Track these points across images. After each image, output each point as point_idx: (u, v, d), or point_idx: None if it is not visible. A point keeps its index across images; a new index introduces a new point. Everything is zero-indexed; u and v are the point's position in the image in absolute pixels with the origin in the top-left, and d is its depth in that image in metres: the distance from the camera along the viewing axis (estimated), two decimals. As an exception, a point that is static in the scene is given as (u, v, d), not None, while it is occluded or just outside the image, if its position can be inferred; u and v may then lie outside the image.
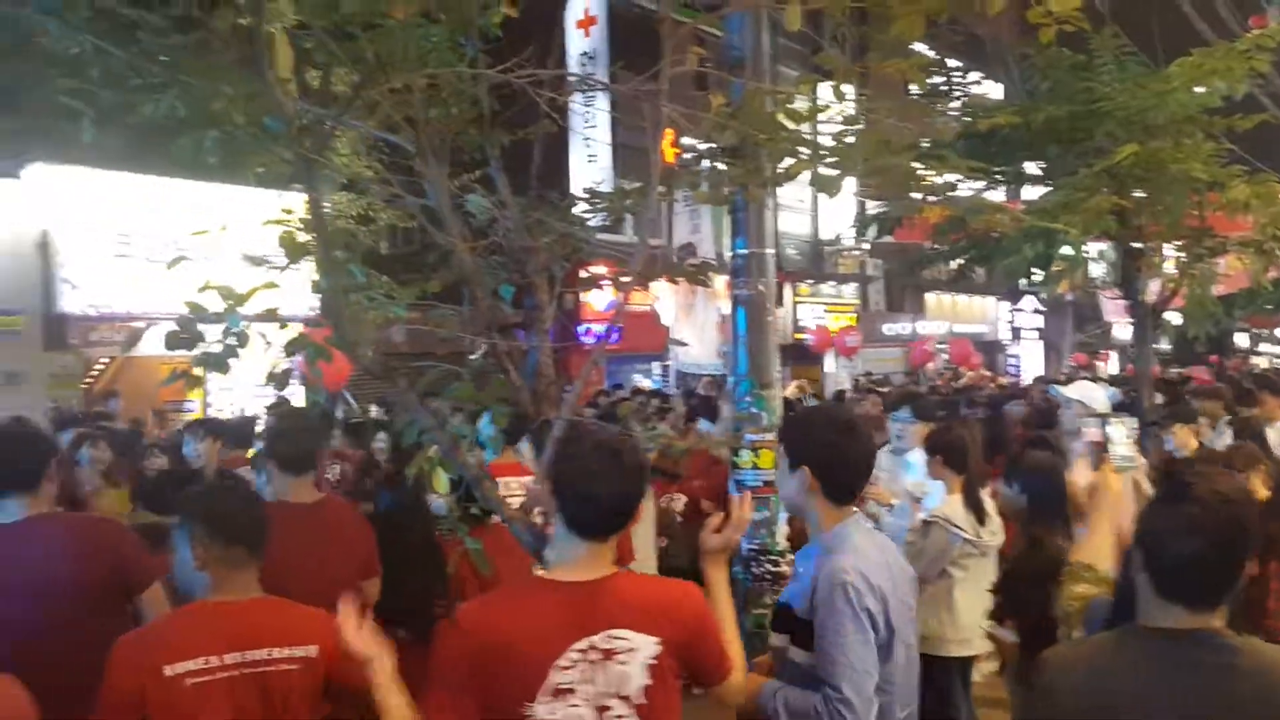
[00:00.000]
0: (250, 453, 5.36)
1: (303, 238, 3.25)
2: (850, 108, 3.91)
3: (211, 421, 6.53)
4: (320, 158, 2.99)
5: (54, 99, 3.14)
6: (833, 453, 2.62)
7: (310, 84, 3.38)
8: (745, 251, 4.15)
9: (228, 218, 10.64)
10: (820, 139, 3.64)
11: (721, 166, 3.69)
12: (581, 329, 16.74)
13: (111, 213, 13.13)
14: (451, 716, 2.09)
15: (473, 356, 3.59)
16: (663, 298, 17.94)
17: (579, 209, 3.98)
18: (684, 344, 16.46)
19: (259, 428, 6.24)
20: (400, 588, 4.02)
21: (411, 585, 4.13)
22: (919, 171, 4.03)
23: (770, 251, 4.18)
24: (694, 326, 17.41)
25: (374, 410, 7.96)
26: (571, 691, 2.06)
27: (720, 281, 16.66)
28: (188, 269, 3.37)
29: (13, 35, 2.90)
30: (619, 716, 2.10)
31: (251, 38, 2.65)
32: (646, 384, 18.64)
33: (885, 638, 2.49)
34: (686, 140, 3.82)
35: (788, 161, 3.34)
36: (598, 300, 16.89)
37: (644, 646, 2.14)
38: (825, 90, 4.05)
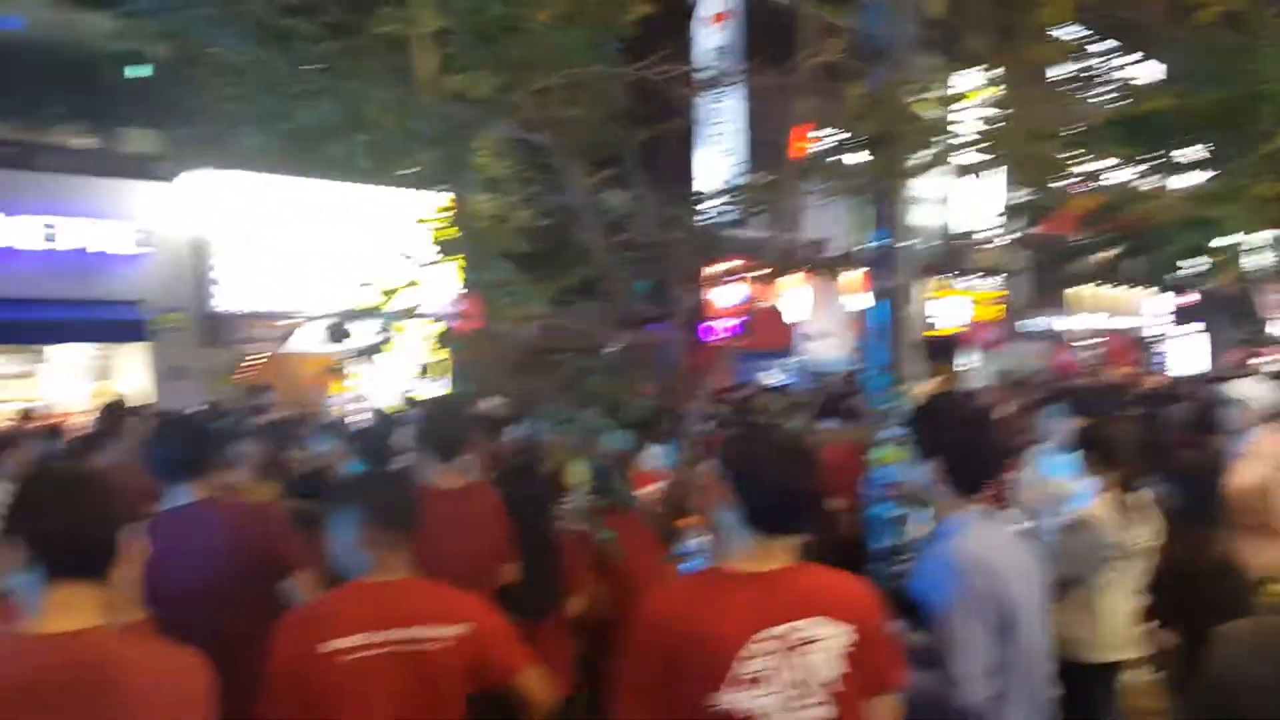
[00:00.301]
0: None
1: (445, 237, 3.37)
2: (993, 95, 3.80)
3: (342, 426, 6.80)
4: (463, 159, 3.08)
5: (213, 107, 3.32)
6: (964, 444, 2.64)
7: (451, 88, 3.48)
8: (883, 243, 4.07)
9: (371, 218, 11.07)
10: (959, 127, 3.55)
11: (859, 158, 3.64)
12: (706, 326, 16.75)
13: (260, 214, 13.83)
14: (640, 708, 2.12)
15: (607, 350, 3.64)
16: (790, 293, 17.76)
17: (712, 204, 3.99)
18: (818, 337, 16.24)
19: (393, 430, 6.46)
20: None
21: (525, 573, 4.19)
22: (1066, 159, 3.88)
23: (910, 244, 4.09)
24: (824, 322, 17.21)
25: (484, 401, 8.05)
26: (761, 680, 2.05)
27: (851, 276, 16.43)
28: (335, 267, 3.53)
29: (183, 48, 3.08)
30: (813, 704, 2.08)
31: (400, 45, 2.75)
32: (772, 381, 18.51)
33: (1001, 622, 2.47)
34: (823, 132, 3.78)
35: (927, 151, 3.27)
36: (722, 297, 16.87)
37: (836, 634, 2.12)
38: (963, 78, 3.94)
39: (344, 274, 3.36)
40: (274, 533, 3.36)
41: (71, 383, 13.68)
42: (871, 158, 3.55)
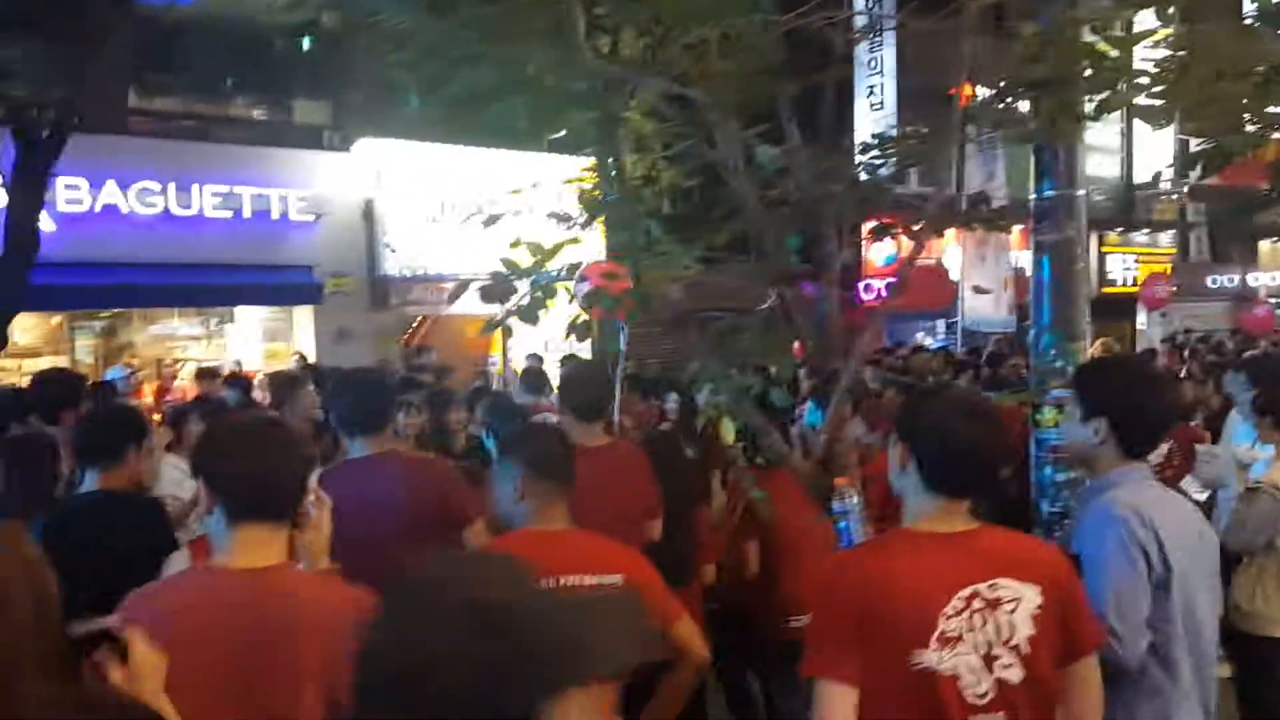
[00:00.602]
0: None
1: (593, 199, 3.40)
2: (1176, 33, 3.55)
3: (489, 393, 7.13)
4: (620, 117, 3.10)
5: (379, 76, 3.43)
6: (1133, 404, 2.54)
7: (599, 49, 3.49)
8: (1052, 194, 3.87)
9: (525, 182, 11.34)
10: (1139, 68, 3.33)
11: (1025, 104, 3.46)
12: (860, 283, 16.41)
13: (425, 181, 14.33)
14: (843, 668, 2.11)
15: (762, 308, 3.61)
16: (949, 250, 17.17)
17: (869, 156, 3.87)
18: (978, 294, 15.63)
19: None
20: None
21: (665, 541, 4.25)
22: (1256, 101, 3.59)
23: (1080, 193, 3.87)
24: (984, 280, 16.57)
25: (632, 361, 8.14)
26: (960, 639, 2.04)
27: (1015, 230, 15.72)
28: (493, 231, 3.62)
29: (349, 17, 3.19)
30: (1006, 665, 2.06)
31: (556, 4, 2.78)
32: (929, 342, 17.98)
33: (1161, 576, 2.39)
34: (989, 77, 3.63)
35: (1103, 95, 3.08)
36: (878, 254, 16.47)
37: (1027, 595, 2.09)
38: (1144, 14, 3.69)
39: (501, 237, 3.48)
40: (448, 485, 3.50)
41: (252, 343, 14.58)
42: (1043, 103, 3.37)
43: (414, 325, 15.39)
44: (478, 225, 3.72)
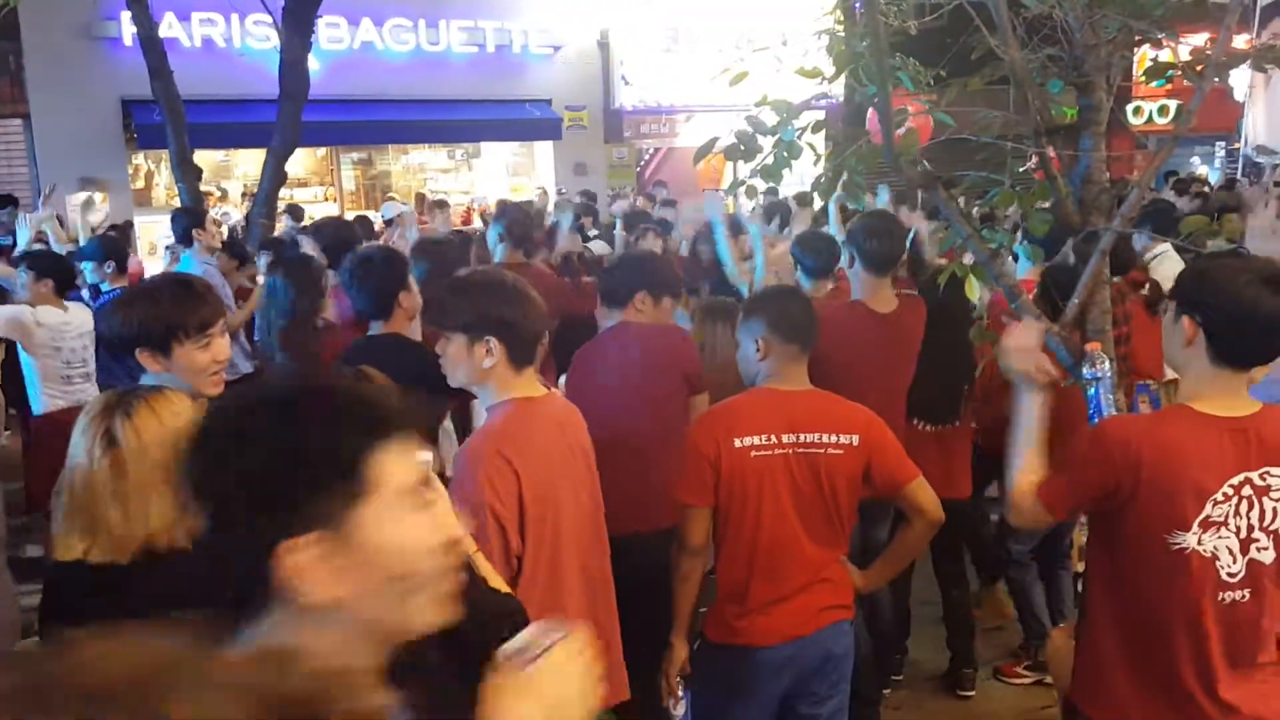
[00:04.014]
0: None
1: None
2: None
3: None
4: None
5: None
6: None
7: None
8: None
9: (756, 11, 10.93)
10: None
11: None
12: (1129, 108, 14.97)
13: (658, 10, 14.12)
14: (1069, 506, 2.21)
15: (1024, 168, 3.43)
16: (1237, 69, 15.26)
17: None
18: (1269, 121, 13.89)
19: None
20: (927, 383, 4.18)
21: (939, 382, 4.26)
22: None
23: None
24: (1272, 103, 14.74)
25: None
26: (1223, 524, 2.06)
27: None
28: (725, 62, 3.54)
29: None
30: (1262, 548, 2.08)
31: None
32: (1204, 171, 16.29)
33: None
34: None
35: None
36: (1151, 72, 14.86)
37: None
38: None
39: (738, 69, 3.39)
40: (685, 355, 3.65)
41: (497, 177, 15.21)
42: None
43: (647, 157, 15.53)
44: (710, 57, 3.67)
